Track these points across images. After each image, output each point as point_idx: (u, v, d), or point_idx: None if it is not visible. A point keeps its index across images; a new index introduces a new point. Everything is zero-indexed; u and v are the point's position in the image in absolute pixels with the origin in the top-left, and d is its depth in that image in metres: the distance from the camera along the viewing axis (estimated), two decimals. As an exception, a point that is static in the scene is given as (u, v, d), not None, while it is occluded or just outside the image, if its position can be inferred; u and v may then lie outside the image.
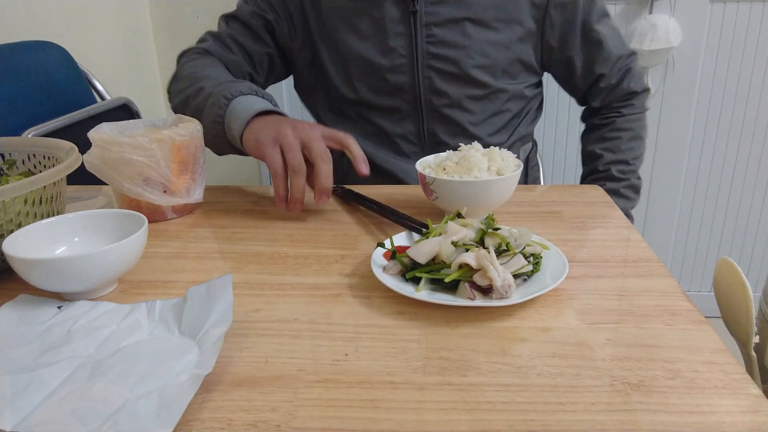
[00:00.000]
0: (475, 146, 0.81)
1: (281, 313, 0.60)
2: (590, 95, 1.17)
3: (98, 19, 1.65)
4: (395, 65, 1.07)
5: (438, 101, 1.09)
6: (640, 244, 0.74)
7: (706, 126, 1.93)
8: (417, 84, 1.07)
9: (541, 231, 0.78)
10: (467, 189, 0.76)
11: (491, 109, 1.12)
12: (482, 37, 1.06)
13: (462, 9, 1.04)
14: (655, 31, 1.76)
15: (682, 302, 0.60)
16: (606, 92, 1.15)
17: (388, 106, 1.10)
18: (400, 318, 0.58)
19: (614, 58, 1.12)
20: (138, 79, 1.87)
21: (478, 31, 1.05)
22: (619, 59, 1.12)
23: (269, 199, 0.94)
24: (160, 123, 0.90)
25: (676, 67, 1.86)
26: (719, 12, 1.80)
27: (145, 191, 0.80)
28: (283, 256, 0.73)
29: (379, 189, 0.96)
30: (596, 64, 1.12)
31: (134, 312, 0.58)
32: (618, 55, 1.12)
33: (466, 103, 1.09)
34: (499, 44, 1.07)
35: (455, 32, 1.05)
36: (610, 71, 1.12)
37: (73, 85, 1.33)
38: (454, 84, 1.08)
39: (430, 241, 0.62)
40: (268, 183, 2.10)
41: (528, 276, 0.62)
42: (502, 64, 1.08)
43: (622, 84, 1.14)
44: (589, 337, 0.55)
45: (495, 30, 1.06)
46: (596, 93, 1.16)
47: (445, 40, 1.05)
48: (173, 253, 0.75)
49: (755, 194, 2.01)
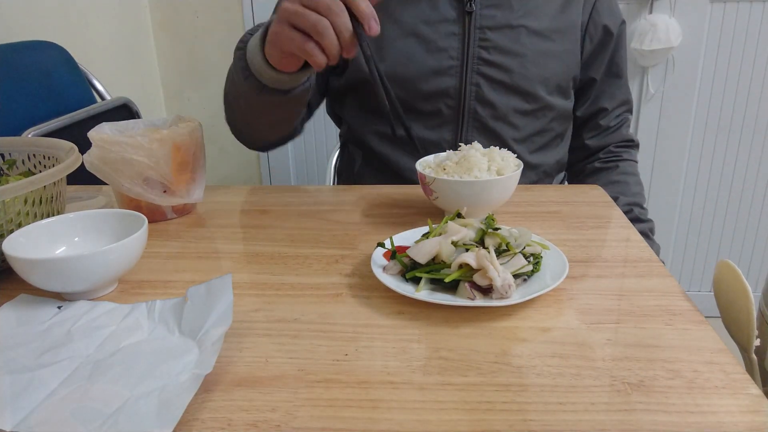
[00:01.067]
0: (475, 146, 0.81)
1: (281, 313, 0.60)
2: (586, 129, 1.14)
3: (98, 19, 1.65)
4: (443, 67, 1.01)
5: (483, 111, 1.02)
6: (639, 244, 0.74)
7: (706, 126, 1.93)
8: (463, 90, 1.01)
9: (541, 231, 0.78)
10: (467, 189, 0.76)
11: (536, 126, 1.06)
12: (539, 47, 1.01)
13: (518, 16, 1.00)
14: (655, 31, 1.76)
15: (682, 302, 0.60)
16: (605, 133, 1.12)
17: (428, 110, 1.03)
18: (400, 318, 0.58)
19: (620, 99, 1.11)
20: (138, 79, 1.87)
21: (535, 41, 1.01)
22: (624, 102, 1.12)
23: (269, 198, 0.94)
24: (160, 123, 0.90)
25: (677, 66, 1.86)
26: (719, 12, 1.80)
27: (145, 191, 0.80)
28: (283, 255, 0.73)
29: (378, 189, 0.96)
30: (605, 96, 1.10)
31: (134, 312, 0.58)
32: (624, 99, 1.11)
33: (513, 117, 1.03)
34: (555, 56, 1.03)
35: (511, 39, 1.00)
36: (613, 110, 1.11)
37: (73, 84, 1.33)
38: (504, 94, 1.02)
39: (430, 241, 0.62)
40: (268, 182, 2.11)
41: (528, 276, 0.61)
42: (557, 78, 1.04)
43: (621, 129, 1.13)
44: (589, 337, 0.55)
45: (551, 41, 1.02)
46: (594, 128, 1.13)
47: (500, 45, 1.00)
48: (173, 252, 0.75)
49: (755, 194, 2.01)
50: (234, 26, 1.90)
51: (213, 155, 2.05)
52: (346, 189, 0.98)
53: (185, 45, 1.94)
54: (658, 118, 1.93)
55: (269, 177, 2.09)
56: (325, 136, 1.99)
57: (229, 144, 2.03)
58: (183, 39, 1.94)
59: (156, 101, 1.99)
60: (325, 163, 1.41)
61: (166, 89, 2.01)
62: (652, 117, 1.93)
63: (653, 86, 1.89)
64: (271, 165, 2.07)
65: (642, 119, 1.94)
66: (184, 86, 2.00)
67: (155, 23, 1.92)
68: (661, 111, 1.92)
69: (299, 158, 2.04)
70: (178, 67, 1.97)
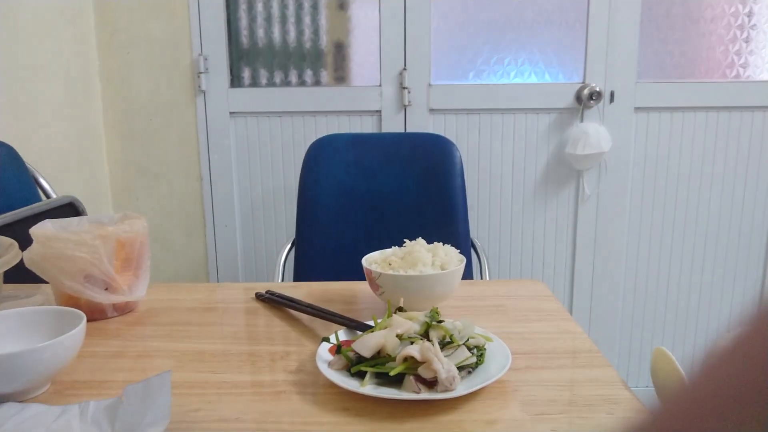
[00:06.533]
0: (419, 242, 0.84)
1: (222, 412, 0.58)
2: None
3: (49, 119, 1.66)
4: None
5: None
6: (581, 336, 0.76)
7: (641, 223, 2.04)
8: None
9: (486, 324, 0.79)
10: (412, 283, 0.77)
11: None
12: None
13: None
14: (587, 137, 1.89)
15: (623, 391, 0.62)
16: None
17: None
18: (345, 414, 0.57)
19: None
20: (87, 178, 1.86)
21: None
22: None
23: (214, 296, 0.93)
24: (105, 220, 0.89)
25: (609, 169, 1.98)
26: (644, 119, 1.95)
27: (86, 288, 0.78)
28: (226, 353, 0.72)
29: (326, 285, 0.97)
30: None
31: (65, 414, 0.55)
32: None
33: None
34: None
35: None
36: None
37: (19, 183, 1.31)
38: None
39: (375, 335, 0.62)
40: (216, 280, 2.07)
41: (473, 368, 0.62)
42: None
43: None
44: (534, 428, 0.55)
45: None
46: None
47: None
48: (112, 352, 0.73)
49: (691, 285, 2.10)
50: (188, 128, 1.94)
51: (160, 254, 2.02)
52: (294, 285, 0.98)
53: (137, 147, 1.96)
54: (596, 218, 2.03)
55: (217, 275, 2.06)
56: (275, 232, 2.00)
57: (176, 242, 2.01)
58: (135, 140, 1.96)
59: (104, 201, 1.97)
60: (275, 259, 1.42)
61: (114, 188, 2.00)
62: (589, 218, 2.03)
63: (588, 188, 2.00)
64: (219, 263, 2.04)
65: (580, 219, 2.03)
66: (133, 186, 2.00)
67: (107, 124, 1.94)
68: (597, 211, 2.02)
69: (248, 255, 2.03)
70: (128, 167, 1.98)
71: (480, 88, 1.86)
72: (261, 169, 1.94)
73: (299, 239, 1.47)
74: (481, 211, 1.95)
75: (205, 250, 2.03)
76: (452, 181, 1.49)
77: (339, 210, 1.48)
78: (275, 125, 1.90)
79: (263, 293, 0.90)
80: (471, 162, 1.90)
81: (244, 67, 1.86)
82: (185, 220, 2.00)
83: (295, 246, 1.48)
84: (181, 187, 1.97)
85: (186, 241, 2.01)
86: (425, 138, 1.57)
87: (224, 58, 1.85)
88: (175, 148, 1.96)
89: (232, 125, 1.91)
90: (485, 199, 1.94)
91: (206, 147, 1.92)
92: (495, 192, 1.93)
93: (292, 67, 1.86)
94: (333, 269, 1.45)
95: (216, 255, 2.05)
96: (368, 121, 1.88)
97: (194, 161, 1.95)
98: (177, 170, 1.96)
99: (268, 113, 1.89)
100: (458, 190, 1.49)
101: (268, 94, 1.86)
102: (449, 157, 1.50)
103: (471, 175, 1.90)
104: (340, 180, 1.48)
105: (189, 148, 1.94)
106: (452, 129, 1.90)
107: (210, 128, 1.91)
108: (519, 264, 2.05)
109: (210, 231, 2.00)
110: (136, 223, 0.83)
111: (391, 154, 1.51)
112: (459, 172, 1.50)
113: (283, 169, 1.92)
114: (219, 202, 1.96)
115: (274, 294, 0.89)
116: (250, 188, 1.95)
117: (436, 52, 1.84)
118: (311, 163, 1.50)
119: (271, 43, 1.84)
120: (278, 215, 1.97)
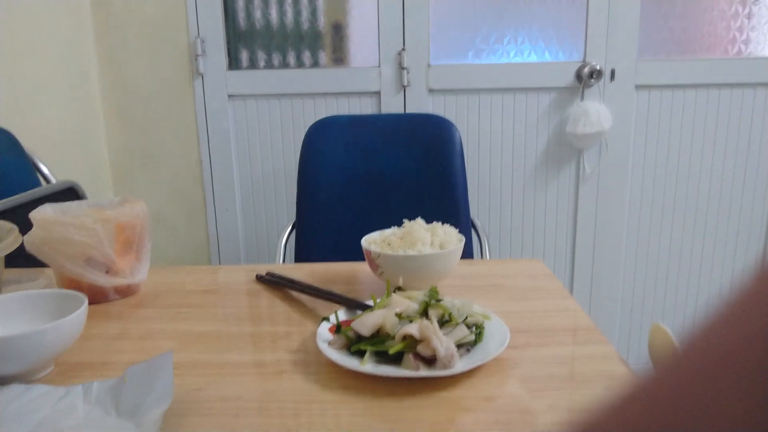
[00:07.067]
0: (418, 222, 0.84)
1: (224, 391, 0.59)
2: None
3: (47, 105, 1.65)
4: None
5: None
6: (579, 313, 0.77)
7: (641, 202, 2.04)
8: None
9: (485, 303, 0.80)
10: (411, 263, 0.78)
11: None
12: None
13: None
14: (587, 116, 1.88)
15: (620, 367, 0.62)
16: None
17: None
18: (345, 393, 0.58)
19: None
20: (87, 163, 1.86)
21: None
22: None
23: (215, 278, 0.94)
24: (105, 204, 0.90)
25: (610, 148, 1.98)
26: (644, 97, 1.94)
27: (87, 271, 0.78)
28: (228, 334, 0.72)
29: (327, 266, 0.97)
30: None
31: (69, 394, 0.56)
32: None
33: None
34: None
35: None
36: None
37: (19, 168, 1.32)
38: None
39: (374, 314, 0.62)
40: (217, 263, 2.08)
41: (471, 346, 0.63)
42: None
43: None
44: (532, 403, 0.55)
45: None
46: None
47: None
48: (114, 334, 0.73)
49: (692, 265, 2.10)
50: (186, 111, 1.93)
51: (162, 238, 2.03)
52: (295, 267, 0.98)
53: (136, 130, 1.96)
54: (596, 196, 2.03)
55: (218, 258, 2.07)
56: (275, 214, 2.00)
57: (178, 226, 2.02)
58: (134, 124, 1.96)
59: (104, 185, 1.97)
60: (276, 241, 1.42)
61: (115, 173, 2.00)
62: (590, 197, 2.03)
63: (589, 167, 1.99)
64: (221, 246, 2.05)
65: (581, 199, 2.03)
66: (133, 170, 2.00)
67: (106, 110, 1.94)
68: (598, 190, 2.02)
69: (249, 238, 2.03)
70: (128, 152, 1.98)
71: (479, 68, 1.85)
72: (261, 151, 1.93)
73: (299, 221, 1.47)
74: (481, 191, 1.95)
75: (206, 233, 2.03)
76: (452, 161, 1.49)
77: (339, 191, 1.48)
78: (274, 107, 1.89)
79: (264, 275, 0.90)
80: (471, 142, 1.90)
81: (242, 49, 1.85)
82: (186, 203, 2.00)
83: (295, 228, 1.48)
84: (181, 171, 1.97)
85: (187, 224, 2.02)
86: (425, 118, 1.56)
87: (221, 41, 1.84)
88: (174, 131, 1.95)
89: (230, 108, 1.90)
90: (485, 179, 1.93)
91: (205, 130, 1.92)
92: (495, 172, 1.93)
93: (290, 48, 1.85)
94: (333, 250, 1.45)
95: (217, 237, 2.05)
96: (367, 102, 1.87)
97: (194, 144, 1.94)
98: (177, 154, 1.96)
99: (267, 95, 1.88)
100: (458, 171, 1.49)
101: (267, 77, 1.85)
102: (449, 137, 1.50)
103: (471, 155, 1.90)
104: (340, 162, 1.48)
105: (188, 132, 1.94)
106: (452, 109, 1.89)
107: (209, 111, 1.90)
108: (520, 243, 2.05)
109: (211, 214, 2.00)
110: (136, 207, 0.84)
111: (391, 135, 1.51)
112: (459, 152, 1.49)
113: (283, 152, 1.92)
114: (219, 185, 1.96)
115: (274, 275, 0.89)
116: (250, 171, 1.95)
117: (435, 31, 1.83)
118: (311, 145, 1.49)
119: (268, 25, 1.82)
120: (278, 197, 1.97)
